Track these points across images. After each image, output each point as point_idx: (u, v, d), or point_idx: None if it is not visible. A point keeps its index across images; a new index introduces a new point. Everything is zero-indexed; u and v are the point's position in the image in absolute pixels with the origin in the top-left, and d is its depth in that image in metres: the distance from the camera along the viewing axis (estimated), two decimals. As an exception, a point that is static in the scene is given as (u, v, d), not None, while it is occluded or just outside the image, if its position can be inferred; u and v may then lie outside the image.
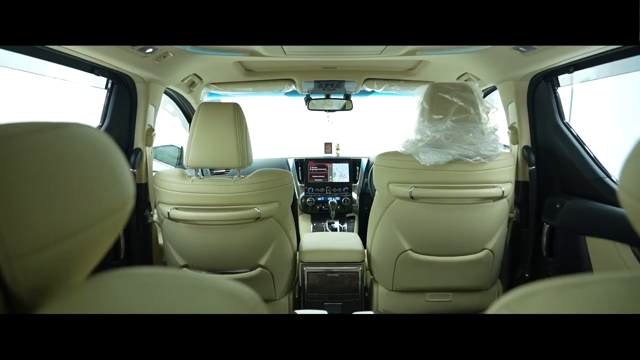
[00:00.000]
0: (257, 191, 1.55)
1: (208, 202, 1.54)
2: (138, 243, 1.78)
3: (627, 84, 3.22)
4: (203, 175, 2.53)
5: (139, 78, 1.72)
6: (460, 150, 1.52)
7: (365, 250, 1.90)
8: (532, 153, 1.74)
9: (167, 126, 2.78)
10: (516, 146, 1.82)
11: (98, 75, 1.53)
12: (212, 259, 1.66)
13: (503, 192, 1.55)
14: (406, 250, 1.66)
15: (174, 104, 2.53)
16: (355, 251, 1.86)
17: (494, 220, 1.64)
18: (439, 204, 1.56)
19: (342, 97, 2.65)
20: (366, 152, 2.93)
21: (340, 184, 2.77)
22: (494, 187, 1.55)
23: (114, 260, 1.68)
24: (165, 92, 2.28)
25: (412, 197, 1.54)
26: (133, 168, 1.72)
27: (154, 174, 1.72)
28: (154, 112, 1.85)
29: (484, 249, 1.66)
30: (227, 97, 2.57)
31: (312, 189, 2.75)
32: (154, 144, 2.71)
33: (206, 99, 2.52)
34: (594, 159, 1.56)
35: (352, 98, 2.65)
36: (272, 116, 3.88)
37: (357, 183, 2.79)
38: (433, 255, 1.67)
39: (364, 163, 2.83)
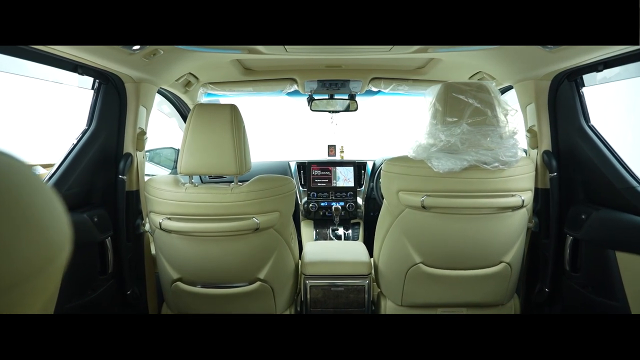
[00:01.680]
0: (255, 200, 1.44)
1: (203, 211, 1.43)
2: (128, 255, 1.67)
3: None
4: (202, 181, 2.47)
5: (128, 77, 1.61)
6: (477, 156, 1.40)
7: (372, 260, 1.79)
8: (554, 158, 1.61)
9: (164, 128, 2.67)
10: (535, 150, 1.69)
11: (82, 74, 1.41)
12: (208, 273, 1.55)
13: (523, 201, 1.43)
14: (417, 264, 1.55)
15: (170, 104, 2.41)
16: (361, 263, 1.74)
17: (512, 231, 1.52)
18: (453, 214, 1.45)
19: (346, 97, 2.53)
20: (372, 154, 2.82)
21: (345, 189, 2.66)
22: (513, 195, 1.43)
23: (101, 274, 1.57)
24: (160, 93, 2.17)
25: (424, 207, 1.42)
26: (122, 174, 1.61)
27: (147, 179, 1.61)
28: (145, 114, 1.73)
29: (501, 262, 1.54)
30: (226, 97, 2.45)
31: (315, 193, 2.65)
32: (149, 147, 2.62)
33: (203, 99, 2.40)
34: (625, 166, 1.43)
35: (357, 98, 2.54)
36: (273, 117, 3.79)
37: (363, 187, 2.69)
38: (446, 269, 1.55)
39: (369, 166, 2.72)
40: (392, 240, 1.59)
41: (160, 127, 2.70)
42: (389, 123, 3.56)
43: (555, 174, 1.60)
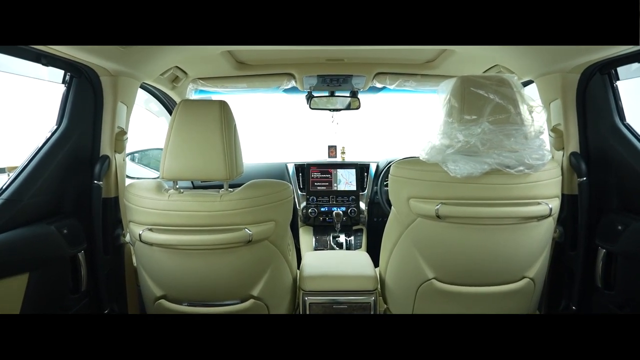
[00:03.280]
0: (248, 208, 1.28)
1: (188, 222, 1.27)
2: (106, 269, 1.50)
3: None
4: (194, 185, 2.31)
5: (103, 70, 1.44)
6: (499, 158, 1.24)
7: (377, 271, 1.64)
8: (582, 161, 1.45)
9: (154, 128, 2.51)
10: (560, 152, 1.53)
11: (46, 65, 1.24)
12: (195, 290, 1.40)
13: (551, 209, 1.27)
14: (430, 279, 1.39)
15: (158, 103, 2.24)
16: (366, 277, 1.58)
17: (537, 243, 1.36)
18: (472, 224, 1.29)
19: (348, 94, 2.39)
20: (375, 156, 2.69)
21: (346, 193, 2.51)
22: (539, 203, 1.27)
23: (72, 293, 1.40)
24: (146, 89, 2.01)
25: (438, 216, 1.27)
26: (98, 179, 1.44)
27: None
28: (125, 112, 1.57)
29: (523, 277, 1.38)
30: (218, 94, 2.28)
31: (315, 198, 2.50)
32: (138, 148, 2.46)
33: (193, 96, 2.23)
34: None
35: (360, 95, 2.40)
36: (270, 116, 3.66)
37: (365, 191, 2.54)
38: (462, 285, 1.40)
39: (372, 169, 2.57)
40: (402, 253, 1.44)
41: (150, 127, 2.55)
42: (393, 122, 3.47)
43: (584, 178, 1.44)
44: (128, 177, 2.13)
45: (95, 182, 1.44)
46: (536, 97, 1.62)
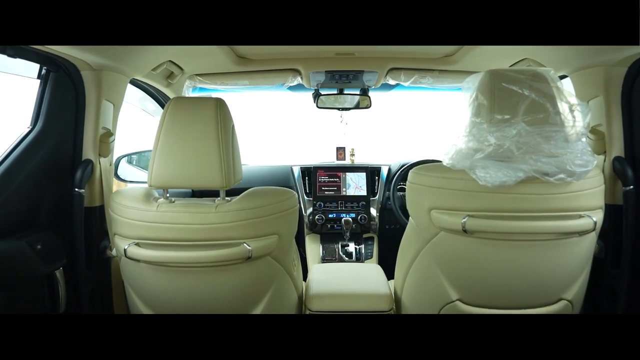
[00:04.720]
0: (247, 221, 1.15)
1: (179, 236, 1.13)
2: (90, 286, 1.36)
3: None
4: (194, 193, 2.18)
5: (83, 64, 1.30)
6: (537, 165, 1.09)
7: (391, 284, 1.50)
8: (629, 167, 1.29)
9: (152, 128, 2.39)
10: (602, 157, 1.38)
11: (13, 57, 1.10)
12: (188, 311, 1.26)
13: (595, 223, 1.12)
14: (453, 301, 1.25)
15: (154, 101, 2.10)
16: (380, 296, 1.44)
17: (577, 261, 1.20)
18: (504, 240, 1.14)
19: (358, 92, 2.26)
20: (387, 159, 2.57)
21: (356, 198, 2.38)
22: (581, 216, 1.12)
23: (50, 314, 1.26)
24: (140, 86, 1.88)
25: (465, 231, 1.12)
26: (80, 187, 1.31)
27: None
28: (112, 111, 1.43)
29: (560, 299, 1.24)
30: (218, 92, 2.15)
31: (322, 203, 2.37)
32: (134, 150, 2.33)
33: (191, 95, 2.10)
34: None
35: (371, 93, 2.26)
36: (274, 115, 3.60)
37: (377, 197, 2.40)
38: (490, 308, 1.25)
39: (384, 172, 2.44)
40: (421, 271, 1.30)
41: (150, 128, 2.43)
42: (406, 122, 3.36)
43: (631, 187, 1.29)
44: (124, 180, 2.00)
45: (77, 189, 1.31)
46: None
